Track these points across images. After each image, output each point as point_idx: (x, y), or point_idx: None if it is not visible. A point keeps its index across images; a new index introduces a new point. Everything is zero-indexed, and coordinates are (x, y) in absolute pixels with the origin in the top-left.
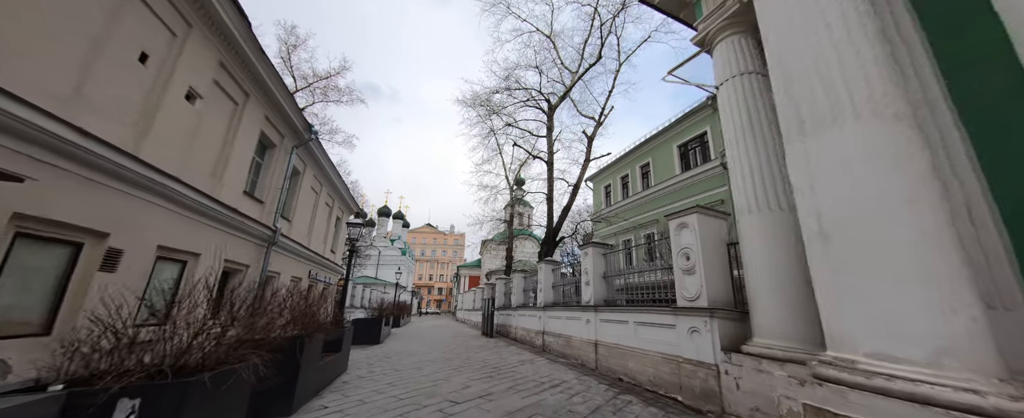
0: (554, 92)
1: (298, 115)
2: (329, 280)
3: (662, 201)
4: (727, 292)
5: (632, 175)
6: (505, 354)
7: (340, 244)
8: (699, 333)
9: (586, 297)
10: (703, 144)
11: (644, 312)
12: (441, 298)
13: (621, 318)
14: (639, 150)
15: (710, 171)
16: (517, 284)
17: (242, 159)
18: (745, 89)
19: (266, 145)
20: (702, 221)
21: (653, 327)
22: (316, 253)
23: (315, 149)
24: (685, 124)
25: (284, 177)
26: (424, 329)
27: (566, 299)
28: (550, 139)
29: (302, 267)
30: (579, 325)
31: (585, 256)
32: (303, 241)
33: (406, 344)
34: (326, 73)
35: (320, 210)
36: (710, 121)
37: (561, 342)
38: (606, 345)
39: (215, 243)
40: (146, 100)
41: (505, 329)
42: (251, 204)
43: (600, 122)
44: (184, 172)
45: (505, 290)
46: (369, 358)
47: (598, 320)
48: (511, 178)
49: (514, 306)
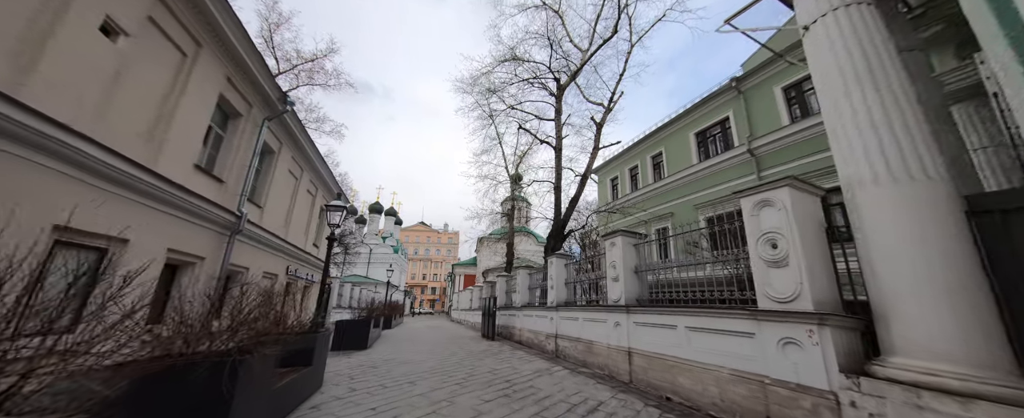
0: (563, 70)
1: (270, 81)
2: (312, 277)
3: (678, 193)
4: (834, 292)
5: (642, 166)
6: (514, 361)
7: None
8: (800, 347)
9: (614, 295)
10: (725, 130)
11: (701, 315)
12: (434, 298)
13: (665, 322)
14: (650, 140)
15: (734, 159)
16: (521, 281)
17: (193, 125)
18: (854, 23)
19: (228, 113)
20: (796, 198)
21: (716, 335)
22: (295, 246)
23: (293, 125)
24: (703, 109)
25: (253, 154)
26: (418, 331)
27: (583, 298)
28: (559, 122)
29: (278, 262)
30: (605, 329)
31: (612, 247)
32: (278, 232)
33: (398, 349)
34: (312, 55)
35: (301, 198)
36: (733, 105)
37: (580, 348)
38: (644, 354)
39: (153, 228)
40: (31, 24)
41: (508, 331)
42: (207, 182)
43: (609, 108)
44: (95, 128)
45: (507, 288)
46: (353, 368)
47: (631, 323)
48: (511, 169)
49: (518, 306)
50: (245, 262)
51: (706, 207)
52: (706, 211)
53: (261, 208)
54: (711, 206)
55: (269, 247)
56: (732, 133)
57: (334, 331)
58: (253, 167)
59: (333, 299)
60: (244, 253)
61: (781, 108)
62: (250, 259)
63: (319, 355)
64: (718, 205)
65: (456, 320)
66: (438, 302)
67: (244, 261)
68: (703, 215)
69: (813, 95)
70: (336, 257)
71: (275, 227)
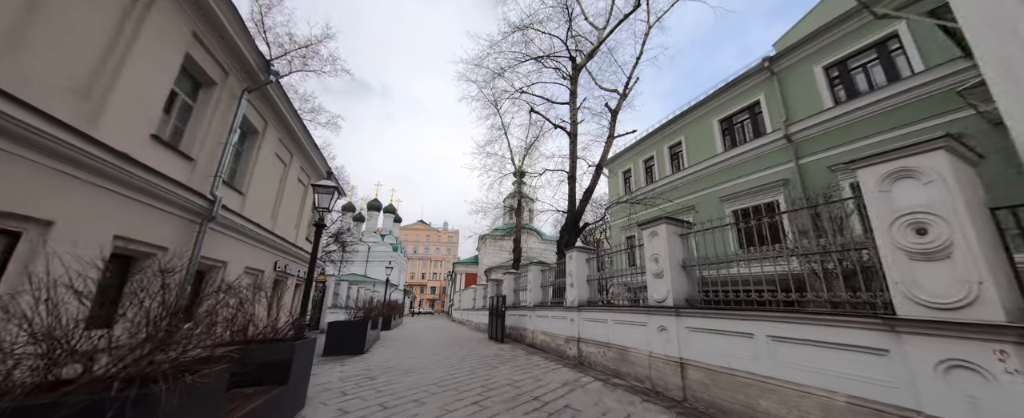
0: (579, 48)
1: (250, 46)
2: (304, 274)
3: (700, 184)
4: (1018, 298)
5: (659, 157)
6: (533, 370)
7: None
8: (980, 376)
9: (658, 294)
10: (755, 116)
11: (793, 321)
12: (434, 297)
13: (735, 328)
14: (668, 128)
15: (767, 146)
16: (533, 279)
17: (148, 87)
18: None
19: (199, 80)
20: (955, 165)
21: (819, 349)
22: (284, 240)
23: (279, 101)
24: (730, 94)
25: (230, 131)
26: (419, 332)
27: (607, 297)
28: (574, 106)
29: (263, 256)
30: (644, 334)
31: (653, 237)
32: (263, 223)
33: (399, 353)
34: (306, 40)
35: (291, 187)
36: (765, 88)
37: (611, 355)
38: (702, 367)
39: (93, 208)
40: None
41: (518, 332)
42: (170, 158)
43: (625, 94)
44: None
45: (515, 286)
46: (346, 380)
47: (682, 328)
48: (518, 162)
49: (530, 305)
50: (222, 255)
51: (733, 199)
52: (733, 203)
53: (242, 194)
54: (739, 198)
55: (252, 239)
56: (764, 118)
57: (327, 333)
58: (230, 145)
59: (328, 298)
60: (221, 245)
61: (822, 89)
62: (229, 252)
63: (300, 368)
64: (748, 196)
65: (458, 320)
66: (438, 302)
67: (221, 254)
68: (730, 208)
69: (860, 74)
70: (333, 255)
71: (260, 217)
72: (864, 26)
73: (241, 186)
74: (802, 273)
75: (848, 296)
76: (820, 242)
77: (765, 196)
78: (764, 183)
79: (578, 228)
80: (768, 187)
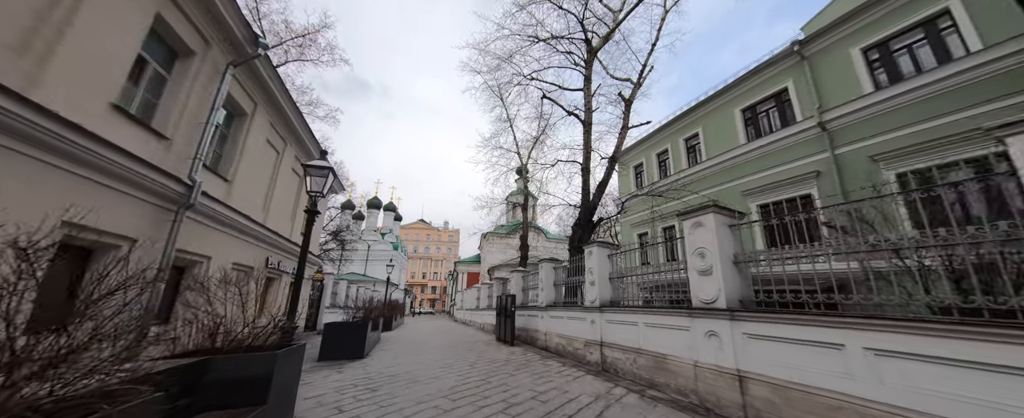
0: (593, 30)
1: (236, 14)
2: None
3: (720, 178)
4: None
5: (673, 150)
6: (555, 377)
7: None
8: None
9: (706, 294)
10: (781, 104)
11: (909, 332)
12: (435, 297)
13: (813, 338)
14: (684, 120)
15: (798, 136)
16: (545, 277)
17: (107, 48)
18: None
19: (175, 49)
20: None
21: (959, 370)
22: (277, 234)
23: (269, 80)
24: (753, 81)
25: (212, 108)
26: (422, 333)
27: (641, 297)
28: (589, 92)
29: (253, 252)
30: (687, 340)
31: (697, 230)
32: (253, 215)
33: (402, 357)
34: (303, 29)
35: (284, 178)
36: (794, 74)
37: (643, 362)
38: (771, 383)
39: (33, 188)
40: None
41: (529, 334)
42: (137, 134)
43: (639, 82)
44: None
45: (524, 285)
46: (343, 391)
47: (738, 335)
48: (524, 156)
49: (541, 305)
50: (205, 249)
51: (758, 193)
52: (757, 197)
53: (228, 182)
54: (764, 192)
55: (240, 232)
56: (793, 106)
57: (323, 336)
58: (212, 124)
59: (326, 298)
60: (203, 238)
61: (862, 73)
62: (212, 246)
63: (284, 383)
64: (775, 190)
65: (461, 320)
66: (438, 302)
67: (203, 248)
68: (754, 202)
69: (904, 56)
70: (331, 253)
71: (249, 208)
72: (909, 3)
73: (227, 173)
74: (859, 272)
75: (987, 303)
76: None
77: (795, 189)
78: (794, 175)
79: (593, 223)
80: (799, 180)
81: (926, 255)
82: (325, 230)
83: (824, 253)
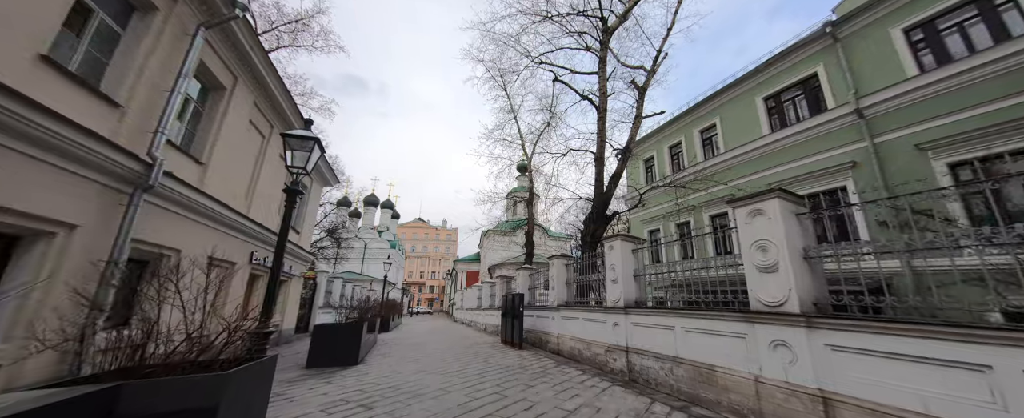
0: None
1: None
2: (293, 270)
3: (741, 171)
4: None
5: (688, 142)
6: (578, 389)
7: (308, 221)
8: None
9: (771, 297)
10: (810, 91)
11: None
12: (433, 297)
13: (937, 355)
14: (699, 110)
15: (831, 124)
16: (557, 275)
17: None
18: None
19: (131, 1)
20: None
21: None
22: (263, 227)
23: (251, 51)
24: (778, 67)
25: (179, 76)
26: (421, 334)
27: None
28: (603, 75)
29: (234, 245)
30: (742, 349)
31: (756, 219)
32: (234, 204)
33: (401, 364)
34: (297, 15)
35: (271, 165)
36: (825, 58)
37: (684, 374)
38: (860, 407)
39: None
40: None
41: (539, 337)
42: (78, 96)
43: (654, 69)
44: None
45: (531, 284)
46: (332, 410)
47: (817, 347)
48: (529, 149)
49: (554, 305)
50: (173, 240)
51: (785, 186)
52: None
53: (201, 164)
54: (792, 184)
55: (217, 222)
56: (824, 93)
57: (312, 339)
58: (178, 94)
59: (319, 297)
60: (170, 227)
61: (904, 55)
62: (183, 237)
63: (241, 412)
64: (804, 182)
65: (461, 320)
66: (437, 301)
67: (171, 239)
68: None
69: (954, 35)
70: (326, 251)
71: (228, 196)
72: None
73: (200, 154)
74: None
75: None
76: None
77: (828, 182)
78: (826, 167)
79: (607, 217)
80: (832, 171)
81: None
82: (319, 227)
83: (947, 246)
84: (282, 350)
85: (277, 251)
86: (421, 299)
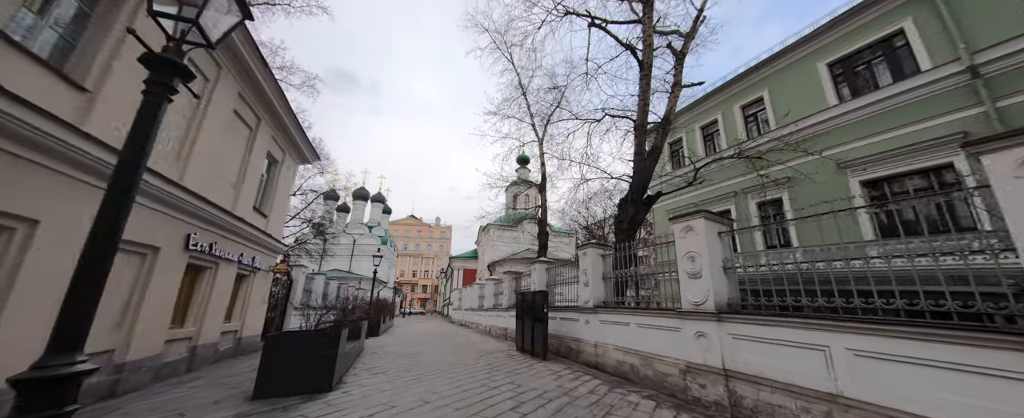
0: None
1: None
2: (257, 263)
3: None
4: None
5: (726, 120)
6: None
7: (278, 202)
8: None
9: None
10: (893, 51)
11: None
12: (426, 297)
13: None
14: (739, 84)
15: (932, 86)
16: (592, 267)
17: None
18: None
19: None
20: None
21: None
22: (207, 201)
23: None
24: (847, 26)
25: None
26: (416, 339)
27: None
28: (649, 22)
29: (161, 224)
30: (997, 393)
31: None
32: (159, 166)
33: (396, 390)
34: None
35: (220, 120)
36: (915, 10)
37: None
38: None
39: None
40: None
41: (566, 345)
42: None
43: (692, 33)
44: None
45: (548, 280)
46: None
47: None
48: (540, 130)
49: (589, 306)
50: (24, 206)
51: (863, 166)
52: (862, 172)
53: (85, 92)
54: (875, 163)
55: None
56: (915, 51)
57: (262, 356)
58: None
59: (296, 296)
60: (15, 184)
61: None
62: (40, 201)
63: None
64: (893, 160)
65: (459, 322)
66: (430, 301)
67: (21, 204)
68: (859, 177)
69: None
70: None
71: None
72: None
73: (82, 76)
74: None
75: None
76: None
77: (926, 158)
78: (923, 139)
79: (651, 197)
80: (933, 145)
81: None
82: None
83: None
84: (231, 366)
85: (109, 196)
86: (413, 299)
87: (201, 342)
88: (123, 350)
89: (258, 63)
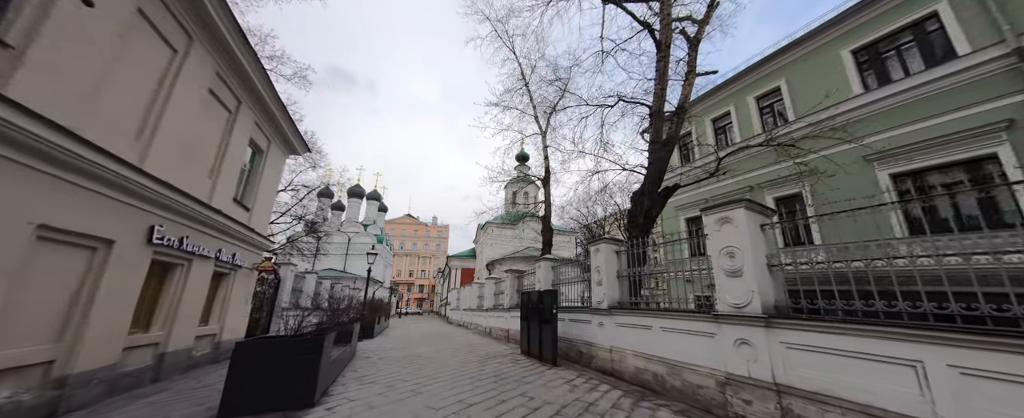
0: None
1: None
2: (238, 260)
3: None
4: None
5: (740, 112)
6: None
7: (263, 195)
8: None
9: None
10: (925, 36)
11: None
12: (422, 297)
13: None
14: (753, 73)
15: (967, 74)
16: (606, 265)
17: None
18: None
19: None
20: None
21: None
22: (173, 188)
23: None
24: (874, 10)
25: None
26: (413, 341)
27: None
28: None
29: (114, 212)
30: None
31: None
32: (107, 142)
33: (388, 401)
34: None
35: (192, 99)
36: None
37: None
38: None
39: None
40: None
41: (577, 349)
42: None
43: (706, 18)
44: None
45: (555, 278)
46: None
47: None
48: (543, 122)
49: (603, 307)
50: None
51: (895, 157)
52: (893, 164)
53: (9, 49)
54: (907, 155)
55: (65, 168)
56: (951, 35)
57: (230, 367)
58: None
59: (283, 296)
60: None
61: None
62: None
63: None
64: (929, 151)
65: (458, 323)
66: (426, 301)
67: None
68: (888, 169)
69: None
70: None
71: (90, 125)
72: None
73: (7, 34)
74: None
75: None
76: None
77: (966, 149)
78: (963, 128)
79: (663, 192)
80: (973, 134)
81: None
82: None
83: None
84: (205, 375)
85: None
86: (410, 299)
87: (170, 348)
88: (67, 361)
89: (237, 39)
